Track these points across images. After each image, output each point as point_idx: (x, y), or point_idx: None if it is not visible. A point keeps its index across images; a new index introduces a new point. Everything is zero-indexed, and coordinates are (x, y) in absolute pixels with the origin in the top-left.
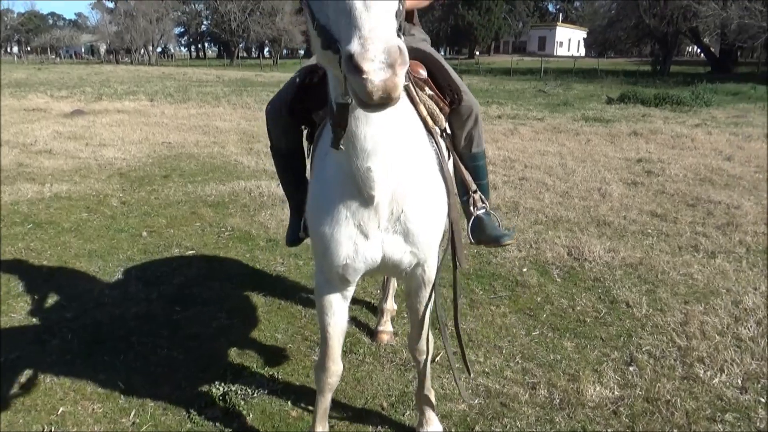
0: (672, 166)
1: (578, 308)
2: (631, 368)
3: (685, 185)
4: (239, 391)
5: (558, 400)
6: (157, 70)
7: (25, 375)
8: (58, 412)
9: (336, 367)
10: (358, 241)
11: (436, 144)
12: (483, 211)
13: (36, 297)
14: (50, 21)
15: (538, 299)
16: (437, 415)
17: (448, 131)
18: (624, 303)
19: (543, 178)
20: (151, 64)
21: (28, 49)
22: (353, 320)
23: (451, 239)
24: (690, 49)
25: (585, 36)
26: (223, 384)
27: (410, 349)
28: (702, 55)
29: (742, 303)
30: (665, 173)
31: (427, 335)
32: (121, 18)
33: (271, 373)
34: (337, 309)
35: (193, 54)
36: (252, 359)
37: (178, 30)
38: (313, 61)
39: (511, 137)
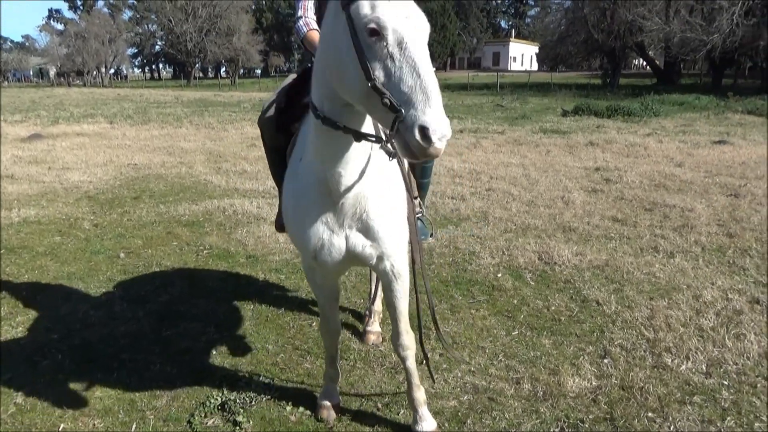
0: (628, 173)
1: (552, 308)
2: (605, 360)
3: (641, 191)
4: (237, 400)
5: (541, 393)
6: (112, 92)
7: (21, 395)
8: (59, 429)
9: (333, 326)
10: (324, 236)
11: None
12: (418, 215)
13: (20, 320)
14: None
15: (515, 301)
16: (430, 412)
17: None
18: (594, 302)
19: (509, 189)
20: (104, 86)
21: None
22: (342, 326)
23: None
24: (637, 62)
25: (537, 51)
26: (220, 394)
27: (394, 346)
28: (648, 67)
29: (701, 297)
30: (622, 180)
31: (408, 331)
32: (72, 40)
33: (266, 381)
34: (323, 284)
35: (148, 75)
36: (246, 370)
37: (131, 51)
38: (288, 79)
39: (475, 150)
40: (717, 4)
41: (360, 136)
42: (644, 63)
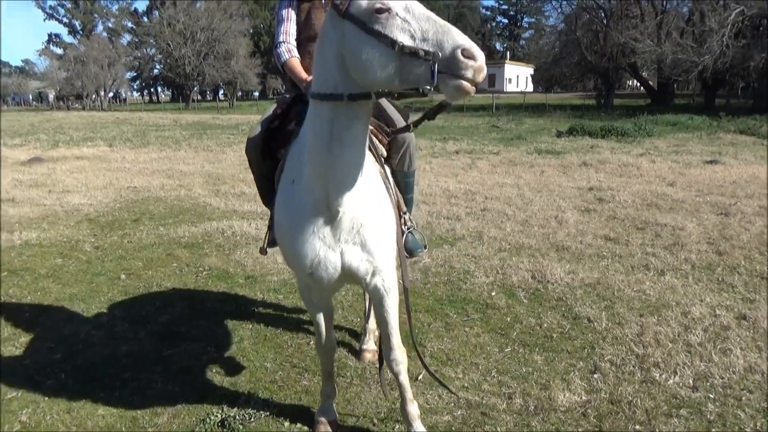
0: (621, 193)
1: (545, 325)
2: (595, 375)
3: (633, 210)
4: (237, 417)
5: (533, 407)
6: (111, 115)
7: (25, 414)
8: None
9: (329, 343)
10: (321, 252)
11: (384, 172)
12: (410, 229)
13: (23, 341)
14: None
15: (508, 319)
16: (424, 428)
17: (384, 154)
18: (586, 319)
19: (503, 209)
20: (103, 110)
21: None
22: (339, 344)
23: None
24: (631, 83)
25: (532, 72)
26: (220, 411)
27: (387, 361)
28: (642, 88)
29: (690, 313)
30: (615, 200)
31: (401, 346)
32: (71, 64)
33: (264, 398)
34: (319, 303)
35: (146, 98)
36: (245, 387)
37: (130, 74)
38: (271, 107)
39: (470, 171)
40: (707, 26)
41: (399, 95)
42: (638, 84)
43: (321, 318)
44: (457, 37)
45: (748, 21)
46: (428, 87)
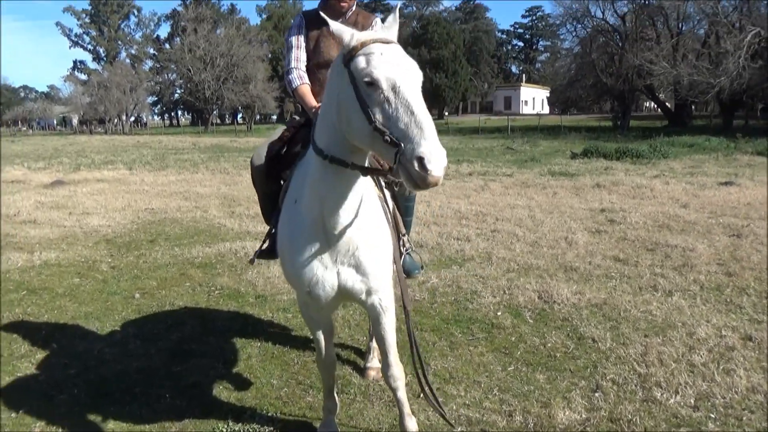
0: (633, 214)
1: (549, 345)
2: (596, 394)
3: (644, 231)
4: (242, 431)
5: (532, 424)
6: (132, 139)
7: (38, 426)
8: None
9: (329, 359)
10: (318, 272)
11: (383, 196)
12: (407, 250)
13: (39, 357)
14: (22, 94)
15: (513, 339)
16: None
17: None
18: (590, 339)
19: (514, 230)
20: (125, 134)
21: None
22: (344, 362)
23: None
24: (648, 104)
25: (548, 95)
26: (226, 425)
27: (385, 377)
28: (659, 110)
29: (695, 334)
30: (626, 221)
31: (398, 363)
32: (95, 89)
33: (270, 414)
34: (319, 320)
35: (167, 122)
36: (251, 403)
37: (151, 99)
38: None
39: (482, 193)
40: (723, 48)
41: (366, 171)
42: (655, 105)
43: (320, 335)
44: (422, 145)
45: (764, 42)
46: (391, 167)
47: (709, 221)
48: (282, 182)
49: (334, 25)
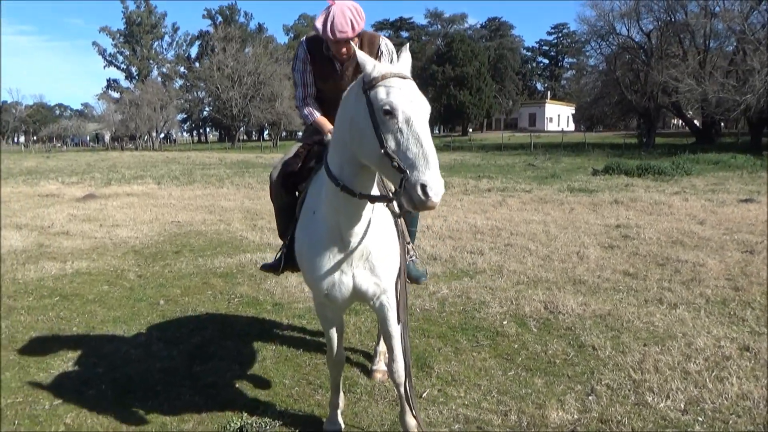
0: (647, 230)
1: (550, 352)
2: (590, 397)
3: (657, 247)
4: (254, 424)
5: (526, 423)
6: (161, 155)
7: (70, 417)
8: None
9: (339, 356)
10: (336, 276)
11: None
12: (412, 257)
13: (71, 356)
14: (57, 112)
15: (515, 346)
16: None
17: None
18: (590, 347)
19: (527, 244)
20: (155, 150)
21: (34, 138)
22: (353, 364)
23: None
24: (676, 122)
25: (573, 112)
26: (240, 419)
27: (390, 372)
28: (687, 127)
29: (694, 344)
30: (640, 237)
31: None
32: (127, 107)
33: (280, 410)
34: (333, 318)
35: (195, 138)
36: (264, 400)
37: (180, 116)
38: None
39: (500, 208)
40: (749, 65)
41: (373, 199)
42: (683, 123)
43: (333, 332)
44: (427, 172)
45: None
46: (395, 190)
47: (724, 237)
48: (297, 194)
49: (361, 55)
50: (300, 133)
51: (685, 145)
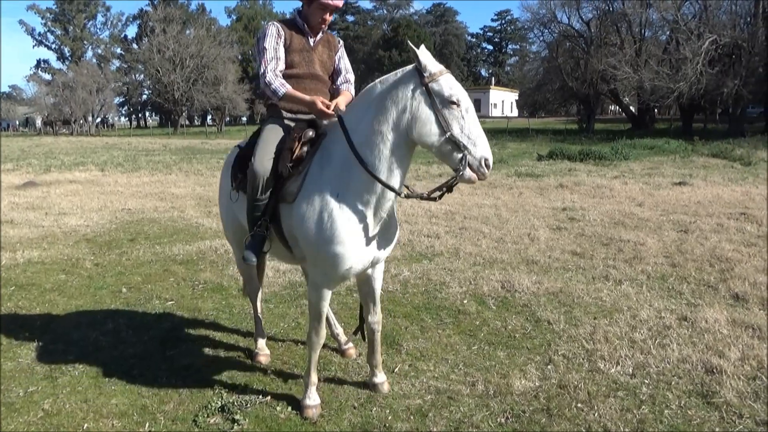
0: (591, 212)
1: (509, 327)
2: (549, 366)
3: (601, 228)
4: (235, 403)
5: (492, 392)
6: (100, 140)
7: (47, 403)
8: (84, 428)
9: (323, 332)
10: (362, 252)
11: None
12: None
13: (36, 345)
14: None
15: (477, 323)
16: (385, 376)
17: None
18: (546, 321)
19: (480, 227)
20: (92, 135)
21: None
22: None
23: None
24: (613, 108)
25: (517, 98)
26: (220, 399)
27: (369, 323)
28: (623, 113)
29: (638, 316)
30: (585, 219)
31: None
32: (60, 90)
33: (258, 389)
34: (329, 298)
35: (134, 123)
36: (241, 380)
37: (118, 100)
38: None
39: (452, 193)
40: (682, 54)
41: (408, 197)
42: (620, 109)
43: (327, 309)
44: (486, 149)
45: (721, 50)
46: (459, 170)
47: (661, 218)
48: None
49: (424, 55)
50: (245, 119)
51: (622, 130)
